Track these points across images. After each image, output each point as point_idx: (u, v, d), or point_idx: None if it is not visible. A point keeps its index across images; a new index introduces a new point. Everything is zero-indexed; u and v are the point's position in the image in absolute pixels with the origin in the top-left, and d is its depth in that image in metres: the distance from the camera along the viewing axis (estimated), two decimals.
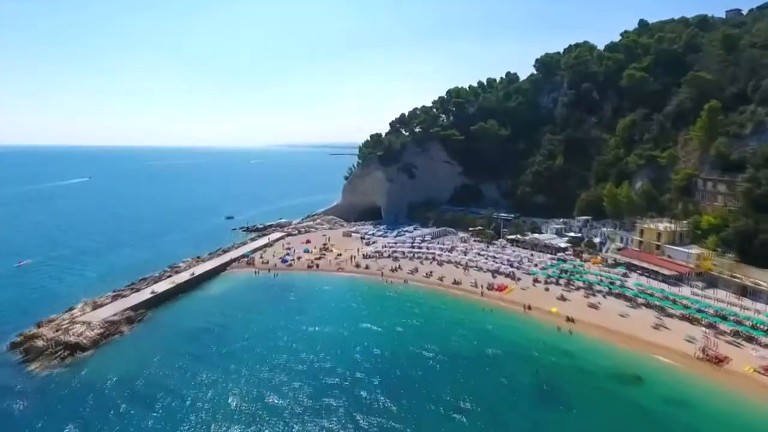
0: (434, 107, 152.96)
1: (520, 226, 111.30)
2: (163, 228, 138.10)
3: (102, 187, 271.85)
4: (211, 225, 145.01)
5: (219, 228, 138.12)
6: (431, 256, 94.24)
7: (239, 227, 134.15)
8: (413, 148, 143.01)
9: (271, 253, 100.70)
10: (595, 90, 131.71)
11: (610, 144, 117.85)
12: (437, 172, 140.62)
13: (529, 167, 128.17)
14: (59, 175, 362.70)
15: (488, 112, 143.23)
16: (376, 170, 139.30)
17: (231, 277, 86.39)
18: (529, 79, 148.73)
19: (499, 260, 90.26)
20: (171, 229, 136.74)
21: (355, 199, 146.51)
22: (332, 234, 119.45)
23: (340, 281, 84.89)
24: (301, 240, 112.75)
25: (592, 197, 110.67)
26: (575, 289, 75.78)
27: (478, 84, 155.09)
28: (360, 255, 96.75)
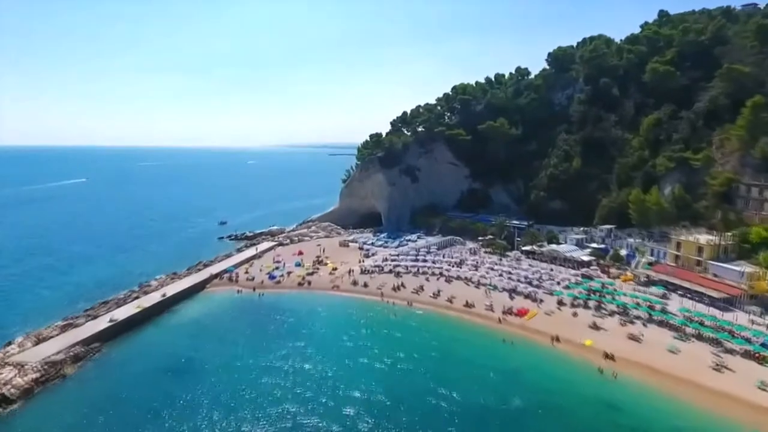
0: (438, 105, 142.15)
1: (535, 235, 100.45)
2: (147, 236, 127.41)
3: (95, 190, 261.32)
4: (200, 231, 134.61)
5: (207, 235, 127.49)
6: (438, 272, 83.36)
7: (226, 236, 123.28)
8: (416, 148, 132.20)
9: (258, 267, 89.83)
10: (614, 86, 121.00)
11: (633, 144, 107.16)
12: (442, 174, 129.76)
13: (544, 170, 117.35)
14: (55, 175, 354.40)
15: (497, 110, 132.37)
16: (376, 173, 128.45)
17: (209, 297, 75.45)
18: (540, 74, 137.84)
19: (515, 276, 79.42)
20: (154, 237, 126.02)
21: (354, 204, 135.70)
22: (328, 243, 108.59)
23: (334, 302, 74.05)
24: (293, 251, 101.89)
25: (615, 203, 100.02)
26: (608, 314, 64.88)
27: (486, 80, 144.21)
28: (358, 270, 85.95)
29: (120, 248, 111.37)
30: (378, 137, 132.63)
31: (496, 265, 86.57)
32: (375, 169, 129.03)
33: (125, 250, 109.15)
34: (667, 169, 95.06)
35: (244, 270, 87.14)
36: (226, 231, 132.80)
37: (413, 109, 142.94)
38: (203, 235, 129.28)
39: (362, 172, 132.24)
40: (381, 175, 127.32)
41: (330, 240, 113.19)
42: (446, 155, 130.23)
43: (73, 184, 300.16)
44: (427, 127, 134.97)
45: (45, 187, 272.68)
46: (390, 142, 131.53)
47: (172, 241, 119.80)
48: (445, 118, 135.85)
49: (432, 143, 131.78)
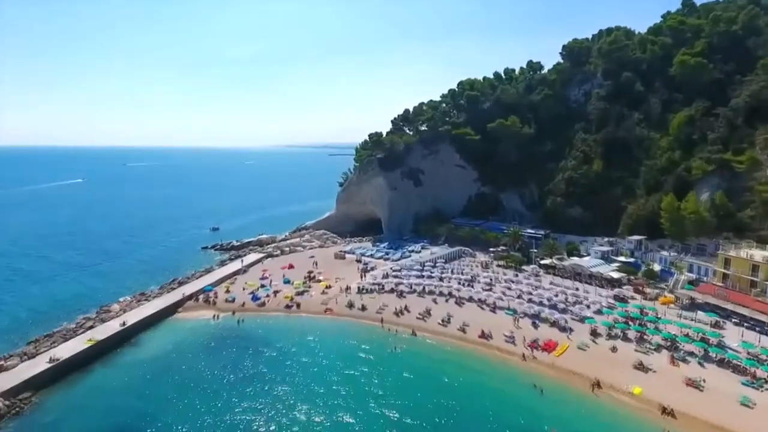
0: (443, 102, 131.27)
1: (554, 246, 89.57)
2: (126, 245, 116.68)
3: (87, 192, 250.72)
4: (185, 240, 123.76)
5: (192, 244, 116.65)
6: (447, 291, 72.46)
7: (211, 246, 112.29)
8: (420, 149, 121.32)
9: (241, 284, 78.95)
10: (637, 80, 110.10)
11: (661, 145, 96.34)
12: (448, 178, 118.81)
13: (560, 173, 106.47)
14: (52, 176, 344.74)
15: (507, 108, 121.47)
16: (376, 176, 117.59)
17: (180, 325, 64.44)
18: (555, 68, 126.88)
19: (536, 298, 68.56)
20: (134, 246, 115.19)
21: (351, 210, 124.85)
22: (322, 255, 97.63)
23: (327, 329, 63.14)
24: (283, 264, 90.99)
25: (643, 211, 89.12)
26: (653, 348, 53.93)
27: (494, 75, 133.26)
28: (354, 288, 75.08)
29: (92, 260, 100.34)
30: (378, 137, 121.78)
31: (512, 283, 75.58)
32: (374, 171, 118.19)
33: (96, 263, 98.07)
34: (704, 173, 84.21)
35: (225, 288, 76.17)
36: (218, 238, 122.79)
37: (416, 107, 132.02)
38: (188, 243, 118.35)
39: (360, 175, 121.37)
40: (381, 179, 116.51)
41: (324, 251, 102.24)
42: (452, 157, 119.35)
43: (68, 185, 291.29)
44: (432, 125, 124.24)
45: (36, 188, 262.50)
46: (391, 142, 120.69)
47: (151, 252, 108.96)
48: (451, 116, 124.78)
49: (437, 143, 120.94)
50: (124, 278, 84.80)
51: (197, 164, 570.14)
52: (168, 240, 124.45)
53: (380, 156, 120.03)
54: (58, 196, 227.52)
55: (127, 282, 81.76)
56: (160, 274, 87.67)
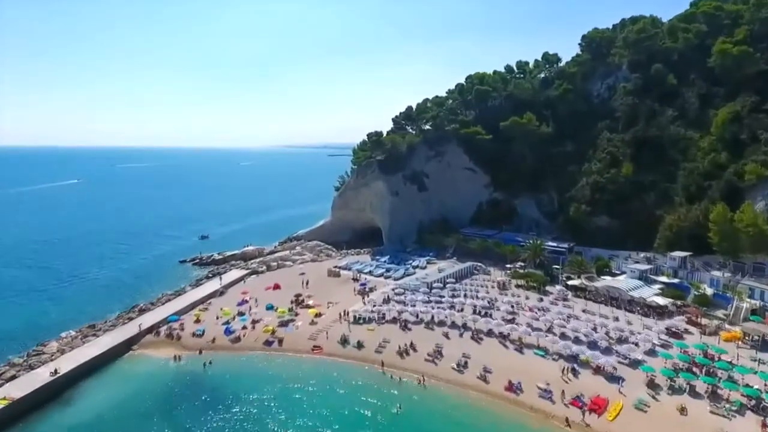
0: (450, 98, 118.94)
1: (582, 263, 77.27)
2: (97, 257, 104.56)
3: (78, 194, 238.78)
4: (166, 251, 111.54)
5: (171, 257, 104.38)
6: (461, 322, 60.16)
7: (189, 259, 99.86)
8: (424, 150, 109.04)
9: (216, 310, 66.70)
10: (670, 72, 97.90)
11: (701, 146, 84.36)
12: (456, 182, 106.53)
13: (584, 177, 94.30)
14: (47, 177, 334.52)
15: (521, 104, 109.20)
16: (376, 180, 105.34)
17: (130, 370, 52.10)
18: (574, 60, 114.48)
19: (571, 331, 56.33)
20: (105, 259, 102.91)
21: (348, 217, 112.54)
22: (313, 271, 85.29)
23: (315, 375, 50.86)
24: (268, 283, 78.74)
25: (684, 222, 76.85)
26: (734, 409, 41.64)
27: (506, 69, 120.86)
28: (350, 317, 62.83)
29: (52, 278, 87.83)
30: (377, 136, 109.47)
31: (539, 311, 63.23)
32: (374, 175, 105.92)
33: (57, 281, 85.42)
34: (759, 178, 72.06)
35: (195, 317, 63.78)
36: (206, 247, 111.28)
37: (419, 104, 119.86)
38: (169, 255, 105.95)
39: (358, 178, 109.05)
40: (381, 183, 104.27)
41: (317, 266, 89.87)
42: (461, 158, 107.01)
43: (62, 186, 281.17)
44: (437, 124, 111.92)
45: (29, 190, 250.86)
46: (392, 142, 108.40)
47: (125, 266, 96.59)
48: (458, 113, 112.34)
49: (443, 144, 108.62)
50: (81, 302, 72.51)
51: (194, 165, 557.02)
52: (149, 250, 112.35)
53: (380, 158, 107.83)
54: (46, 198, 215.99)
55: (85, 307, 69.57)
56: (127, 296, 75.71)
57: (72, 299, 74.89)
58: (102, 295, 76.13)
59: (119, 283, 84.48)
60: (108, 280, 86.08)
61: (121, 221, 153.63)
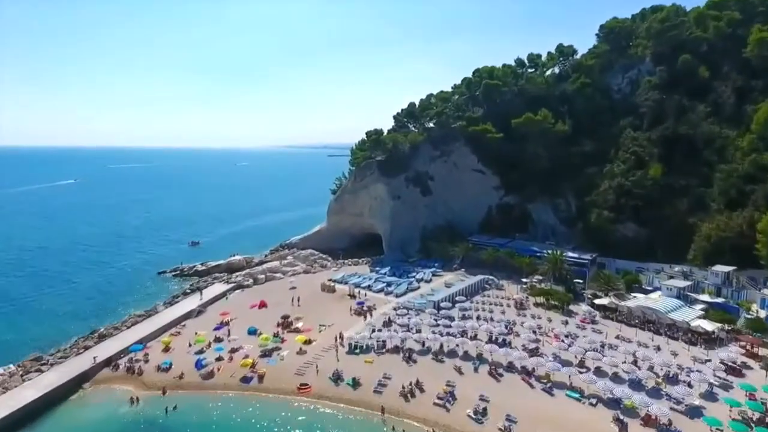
0: (456, 93, 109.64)
1: (609, 279, 68.07)
2: (75, 267, 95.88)
3: (71, 195, 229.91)
4: (154, 257, 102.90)
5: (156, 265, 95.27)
6: (476, 351, 50.99)
7: (170, 270, 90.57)
8: (428, 150, 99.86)
9: (189, 335, 57.51)
10: (700, 64, 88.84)
11: (741, 145, 75.35)
12: (463, 185, 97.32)
13: (606, 179, 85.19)
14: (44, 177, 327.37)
15: (534, 100, 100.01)
16: (375, 182, 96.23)
17: (76, 417, 42.54)
18: (592, 52, 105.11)
19: (608, 364, 47.17)
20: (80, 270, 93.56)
21: (345, 223, 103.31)
22: (306, 285, 76.18)
23: (299, 426, 41.61)
24: (253, 300, 69.49)
25: (725, 232, 67.81)
26: None
27: (516, 62, 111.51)
28: (345, 344, 53.66)
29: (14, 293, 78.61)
30: (377, 135, 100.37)
31: (565, 338, 53.98)
32: (373, 177, 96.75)
33: (7, 301, 75.03)
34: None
35: (163, 345, 54.57)
36: (196, 254, 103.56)
37: (423, 100, 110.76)
38: (150, 264, 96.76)
39: (356, 181, 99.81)
40: (381, 186, 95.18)
41: (310, 279, 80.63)
42: (469, 159, 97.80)
43: (57, 186, 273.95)
44: (442, 122, 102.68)
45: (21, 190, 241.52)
46: (393, 141, 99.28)
47: (97, 279, 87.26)
48: (466, 110, 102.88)
49: (449, 143, 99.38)
50: (34, 326, 62.93)
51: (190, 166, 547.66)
52: (132, 257, 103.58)
53: (380, 158, 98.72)
54: (35, 200, 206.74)
55: (37, 332, 60.30)
56: (92, 316, 66.74)
57: (23, 322, 65.03)
58: (62, 316, 66.73)
59: (86, 299, 75.13)
60: (73, 296, 76.64)
61: (109, 225, 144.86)
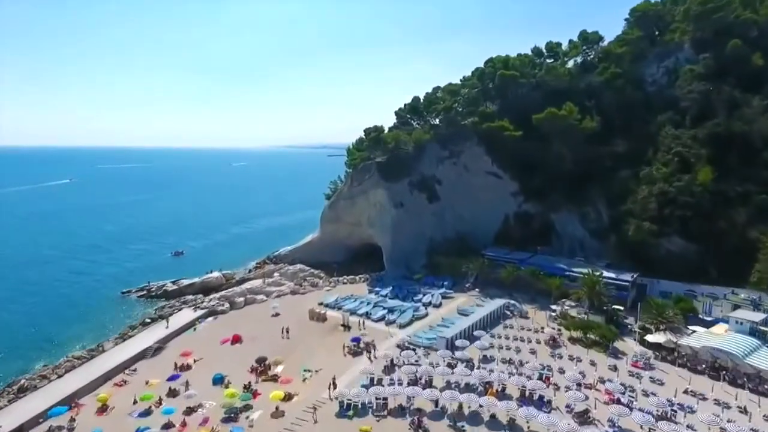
0: (466, 86, 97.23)
1: (660, 307, 55.62)
2: (27, 282, 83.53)
3: (59, 195, 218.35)
4: (128, 269, 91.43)
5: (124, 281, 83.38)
6: (506, 419, 38.68)
7: (136, 290, 78.13)
8: (435, 150, 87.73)
9: (136, 387, 45.20)
10: (753, 51, 76.54)
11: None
12: (476, 190, 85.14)
13: (644, 185, 72.85)
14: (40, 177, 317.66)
15: (555, 93, 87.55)
16: (375, 187, 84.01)
17: None
18: (620, 39, 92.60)
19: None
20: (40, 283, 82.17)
21: (341, 233, 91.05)
22: (291, 310, 64.02)
23: None
24: (225, 333, 57.22)
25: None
26: None
27: (534, 51, 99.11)
28: (335, 401, 41.38)
29: None
30: (377, 132, 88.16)
31: (621, 395, 41.55)
32: (372, 181, 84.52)
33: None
34: None
35: (99, 403, 42.21)
36: (178, 267, 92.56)
37: (429, 93, 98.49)
38: (117, 280, 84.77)
39: (353, 185, 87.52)
40: (381, 191, 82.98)
41: (297, 302, 68.31)
42: (481, 160, 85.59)
43: (52, 186, 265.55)
44: (452, 118, 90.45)
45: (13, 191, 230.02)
46: (395, 140, 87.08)
47: (47, 300, 74.81)
48: (478, 104, 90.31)
49: (459, 142, 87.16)
50: None
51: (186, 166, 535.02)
52: (100, 271, 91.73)
53: (380, 159, 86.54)
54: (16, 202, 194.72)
55: None
56: (21, 357, 54.32)
57: None
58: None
59: (24, 330, 62.49)
60: (9, 326, 64.04)
61: (84, 232, 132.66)
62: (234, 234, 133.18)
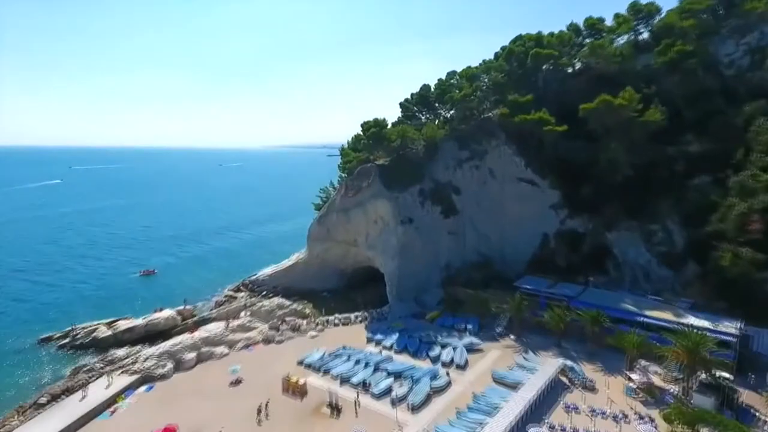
0: (488, 70, 78.19)
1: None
2: None
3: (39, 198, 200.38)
4: (68, 302, 73.34)
5: (48, 325, 65.00)
6: None
7: (58, 334, 59.18)
8: (452, 150, 69.31)
9: None
10: None
11: None
12: (505, 202, 66.71)
13: (736, 196, 54.27)
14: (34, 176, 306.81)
15: (602, 80, 69.04)
16: (376, 197, 65.52)
17: None
18: (682, 10, 73.54)
19: None
20: None
21: (332, 254, 72.57)
22: (259, 374, 45.92)
23: None
24: (156, 419, 38.85)
25: None
26: None
27: (570, 27, 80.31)
28: None
29: None
30: (379, 127, 69.54)
31: None
32: (372, 189, 66.01)
33: None
34: None
35: None
36: (146, 289, 79.04)
37: (441, 80, 79.90)
38: (36, 323, 65.40)
39: (347, 195, 68.89)
40: (384, 202, 64.51)
41: (271, 356, 49.94)
42: (512, 163, 67.04)
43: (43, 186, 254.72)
44: (472, 108, 71.91)
45: None
46: (402, 136, 68.62)
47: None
48: (506, 92, 71.31)
49: (484, 140, 68.67)
50: None
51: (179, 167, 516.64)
52: (24, 305, 72.84)
53: (383, 162, 68.13)
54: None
55: None
56: None
57: None
58: None
59: None
60: None
61: (41, 244, 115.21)
62: (214, 248, 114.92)
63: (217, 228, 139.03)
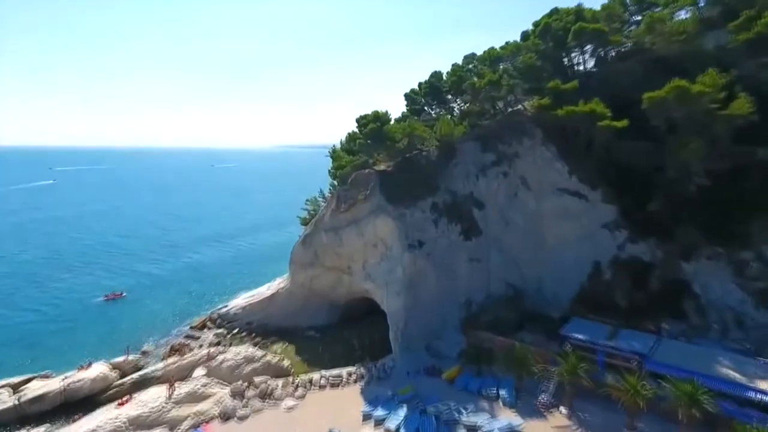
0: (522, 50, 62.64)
1: None
2: None
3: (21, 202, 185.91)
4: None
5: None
6: None
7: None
8: (473, 152, 54.41)
9: None
10: None
11: None
12: (543, 219, 51.76)
13: None
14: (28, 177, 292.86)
15: (661, 63, 54.18)
16: (375, 213, 50.59)
17: None
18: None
19: None
20: None
21: (320, 283, 57.58)
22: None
23: None
24: None
25: None
26: None
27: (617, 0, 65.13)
28: None
29: None
30: (380, 123, 54.27)
31: None
32: (371, 203, 51.01)
33: None
34: None
35: None
36: (112, 317, 66.00)
37: (457, 66, 64.90)
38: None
39: (339, 209, 53.86)
40: (387, 221, 49.53)
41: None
42: (552, 170, 52.01)
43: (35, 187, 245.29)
44: (498, 99, 56.91)
45: None
46: (408, 134, 53.62)
47: None
48: (542, 78, 56.07)
49: (513, 140, 53.73)
50: None
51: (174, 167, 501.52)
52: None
53: (384, 167, 53.17)
54: None
55: None
56: None
57: None
58: None
59: None
60: None
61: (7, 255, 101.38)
62: (193, 263, 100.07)
63: (199, 237, 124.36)
